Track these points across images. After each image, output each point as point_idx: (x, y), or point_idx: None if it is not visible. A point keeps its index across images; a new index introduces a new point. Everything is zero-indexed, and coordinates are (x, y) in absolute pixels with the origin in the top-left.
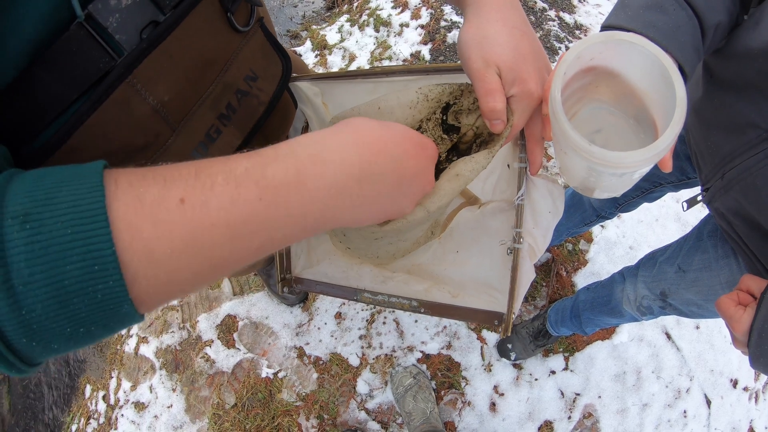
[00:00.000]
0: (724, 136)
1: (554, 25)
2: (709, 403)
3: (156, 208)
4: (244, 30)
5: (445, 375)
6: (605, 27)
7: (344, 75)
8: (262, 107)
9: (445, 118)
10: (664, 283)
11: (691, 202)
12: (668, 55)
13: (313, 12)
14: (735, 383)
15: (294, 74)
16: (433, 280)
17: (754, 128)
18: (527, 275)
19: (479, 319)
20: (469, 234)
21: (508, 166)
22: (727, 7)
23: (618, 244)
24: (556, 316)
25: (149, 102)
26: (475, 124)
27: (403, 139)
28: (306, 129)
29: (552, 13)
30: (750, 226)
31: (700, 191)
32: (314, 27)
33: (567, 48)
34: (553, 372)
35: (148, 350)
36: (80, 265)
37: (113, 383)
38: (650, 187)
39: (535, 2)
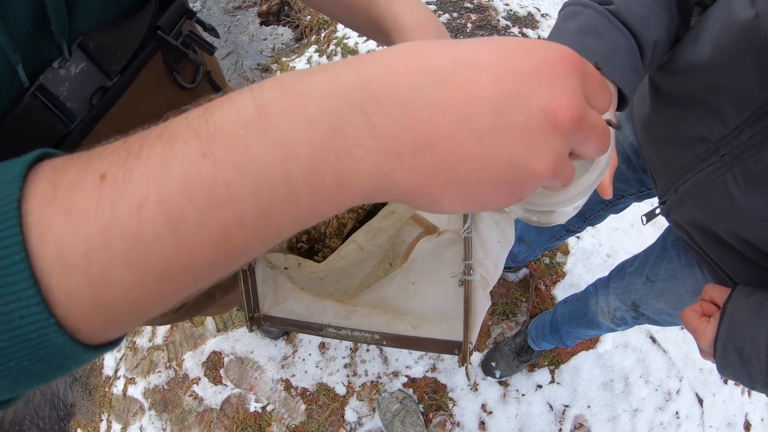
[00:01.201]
0: (675, 151)
1: None
2: (701, 401)
3: (70, 193)
4: (190, 87)
5: (432, 397)
6: None
7: None
8: None
9: None
10: (635, 294)
11: (650, 216)
12: (607, 82)
13: (282, 44)
14: (726, 379)
15: None
16: (394, 312)
17: (703, 142)
18: (482, 305)
19: (440, 349)
20: (427, 265)
21: None
22: (664, 23)
23: (595, 254)
24: (536, 331)
25: None
26: None
27: (470, 46)
28: None
29: (515, 30)
30: (708, 237)
31: (658, 203)
32: (284, 59)
33: None
34: (540, 386)
35: (136, 391)
36: None
37: (103, 426)
38: (614, 200)
39: (498, 21)
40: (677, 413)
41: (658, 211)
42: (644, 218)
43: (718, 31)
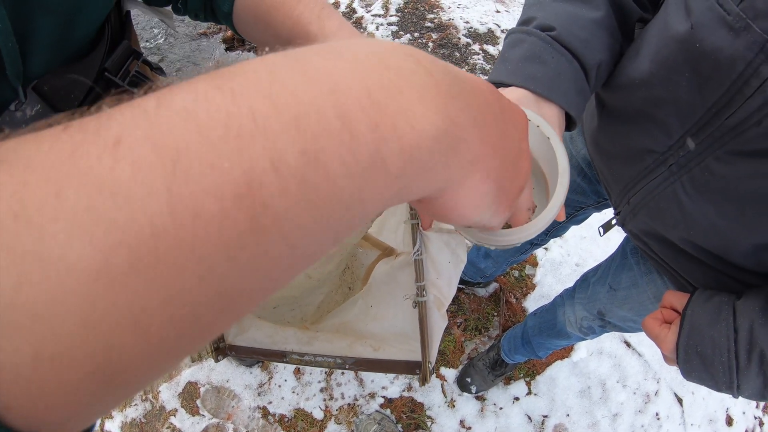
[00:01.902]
0: (624, 164)
1: (479, 59)
2: (680, 401)
3: None
4: None
5: (410, 417)
6: (489, 82)
7: None
8: None
9: None
10: (599, 303)
11: (606, 227)
12: (554, 107)
13: None
14: None
15: None
16: (356, 336)
17: (650, 153)
18: (437, 324)
19: (401, 370)
20: (383, 288)
21: (405, 222)
22: (607, 44)
23: (564, 264)
24: (509, 345)
25: None
26: None
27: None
28: None
29: (476, 47)
30: (663, 245)
31: (613, 214)
32: None
33: None
34: (517, 398)
35: (113, 426)
36: None
37: None
38: (573, 212)
39: (459, 38)
40: (657, 414)
41: (614, 221)
42: (601, 229)
43: (656, 45)
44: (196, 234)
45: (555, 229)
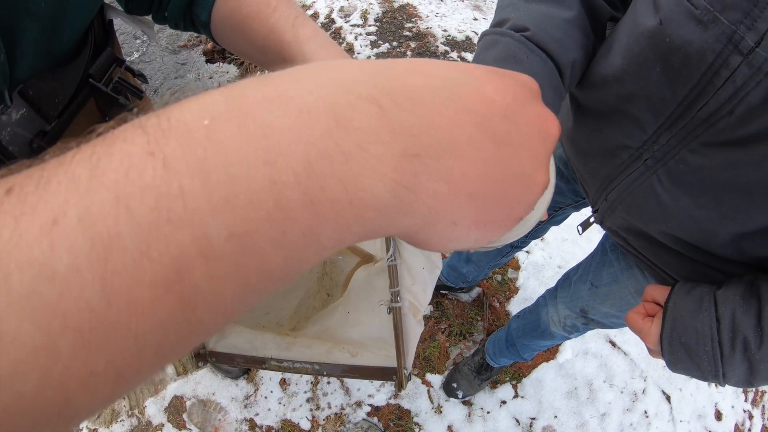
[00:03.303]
0: (600, 161)
1: None
2: (668, 398)
3: None
4: None
5: (397, 424)
6: None
7: None
8: None
9: None
10: (581, 301)
11: (585, 225)
12: None
13: (227, 81)
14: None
15: None
16: (334, 342)
17: (625, 149)
18: (413, 330)
19: (378, 376)
20: (361, 294)
21: None
22: (580, 43)
23: (546, 266)
24: (493, 348)
25: None
26: None
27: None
28: None
29: (454, 55)
30: (642, 239)
31: (591, 212)
32: None
33: None
34: (504, 402)
35: None
36: None
37: None
38: (552, 212)
39: (437, 47)
40: (646, 412)
41: (592, 219)
42: (579, 228)
43: (626, 42)
44: (131, 317)
45: (535, 230)
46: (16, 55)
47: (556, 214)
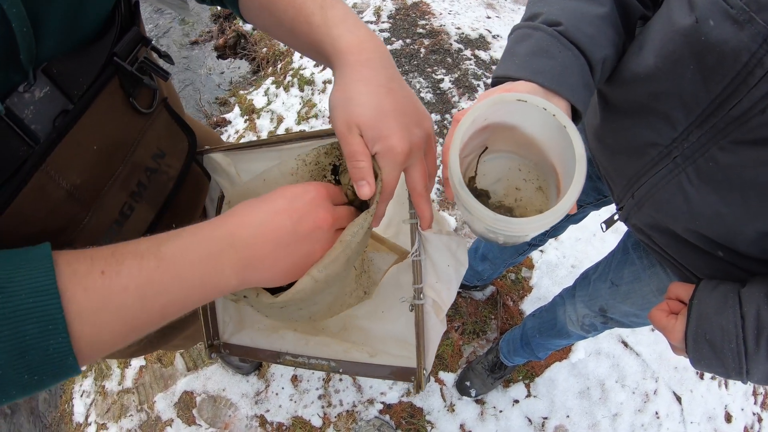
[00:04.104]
0: (627, 158)
1: (471, 64)
2: (679, 399)
3: (85, 279)
4: (147, 112)
5: (409, 422)
6: (495, 77)
7: (249, 146)
8: (172, 182)
9: (337, 177)
10: (601, 300)
11: (609, 222)
12: (561, 100)
13: (239, 77)
14: (702, 374)
15: (207, 147)
16: (352, 342)
17: (654, 147)
18: (435, 329)
19: (396, 377)
20: (389, 289)
21: (404, 222)
22: (612, 40)
23: (560, 266)
24: (507, 347)
25: (63, 186)
26: (350, 182)
27: (271, 199)
28: (221, 199)
29: (468, 53)
30: (668, 237)
31: (615, 210)
32: (241, 92)
33: (485, 85)
34: (517, 401)
35: None
36: (38, 325)
37: None
38: None
39: (451, 44)
40: (657, 413)
41: (616, 217)
42: (603, 225)
43: (660, 40)
44: (149, 319)
45: (554, 229)
46: (41, 34)
47: (576, 211)
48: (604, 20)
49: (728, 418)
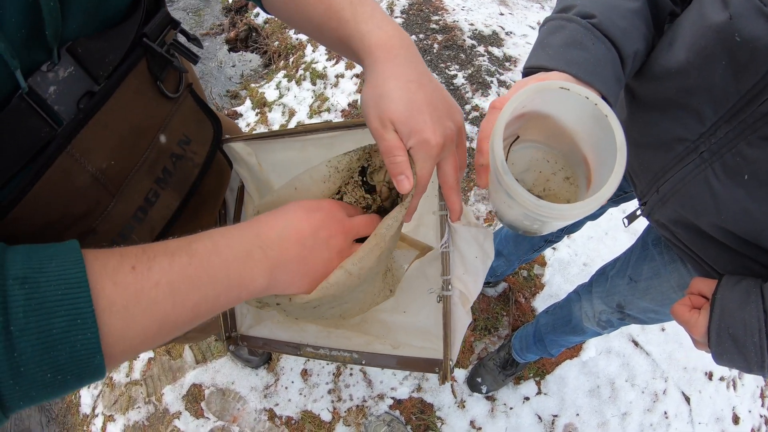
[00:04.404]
0: (654, 153)
1: (484, 60)
2: (688, 399)
3: (115, 273)
4: (174, 96)
5: (419, 418)
6: (528, 68)
7: (273, 135)
8: (197, 169)
9: (364, 178)
10: (619, 296)
11: (631, 218)
12: (594, 92)
13: (251, 70)
14: (710, 375)
15: (227, 135)
16: (374, 334)
17: (681, 141)
18: (461, 321)
19: (420, 368)
20: (412, 282)
21: (434, 213)
22: (643, 34)
23: (572, 264)
24: (520, 344)
25: (89, 170)
26: (385, 179)
27: (291, 209)
28: (242, 189)
29: (481, 49)
30: (691, 232)
31: (638, 205)
32: (253, 85)
33: (498, 82)
34: (527, 398)
35: (115, 429)
36: (66, 318)
37: None
38: None
39: (464, 40)
40: (665, 413)
41: (639, 212)
42: (626, 220)
43: (692, 36)
44: (181, 314)
45: (572, 225)
46: (67, 13)
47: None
48: (636, 14)
49: (736, 419)
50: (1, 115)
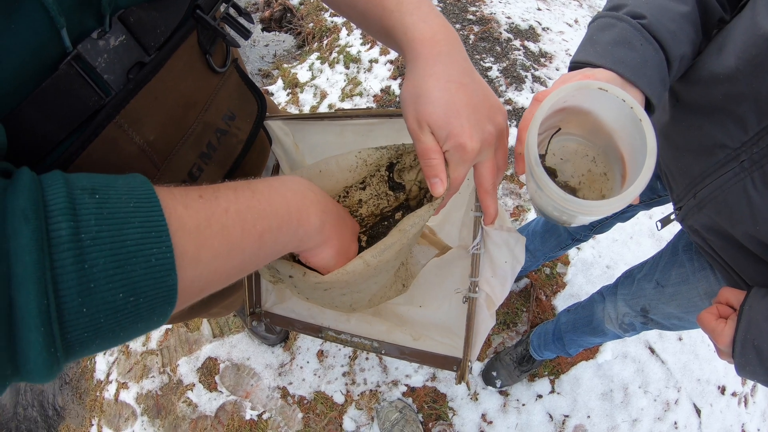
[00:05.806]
0: (694, 158)
1: (520, 54)
2: (698, 412)
3: (184, 197)
4: (221, 71)
5: (431, 407)
6: (574, 62)
7: (313, 117)
8: (240, 145)
9: (391, 175)
10: (644, 300)
11: (665, 222)
12: (638, 92)
13: (284, 51)
14: (723, 390)
15: (267, 113)
16: (395, 322)
17: (723, 148)
18: (485, 323)
19: (438, 364)
20: (431, 278)
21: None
22: (691, 38)
23: (595, 265)
24: (538, 341)
25: (136, 142)
26: (417, 178)
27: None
28: (276, 169)
29: (517, 43)
30: (725, 241)
31: (672, 210)
32: (285, 66)
33: (533, 77)
34: (540, 396)
35: (128, 396)
36: (140, 230)
37: (94, 431)
38: (623, 208)
39: (500, 33)
40: (675, 423)
41: (673, 216)
42: (659, 224)
43: (743, 43)
44: (248, 241)
45: (602, 225)
46: None
47: (626, 210)
48: (686, 18)
49: None
50: (48, 81)
